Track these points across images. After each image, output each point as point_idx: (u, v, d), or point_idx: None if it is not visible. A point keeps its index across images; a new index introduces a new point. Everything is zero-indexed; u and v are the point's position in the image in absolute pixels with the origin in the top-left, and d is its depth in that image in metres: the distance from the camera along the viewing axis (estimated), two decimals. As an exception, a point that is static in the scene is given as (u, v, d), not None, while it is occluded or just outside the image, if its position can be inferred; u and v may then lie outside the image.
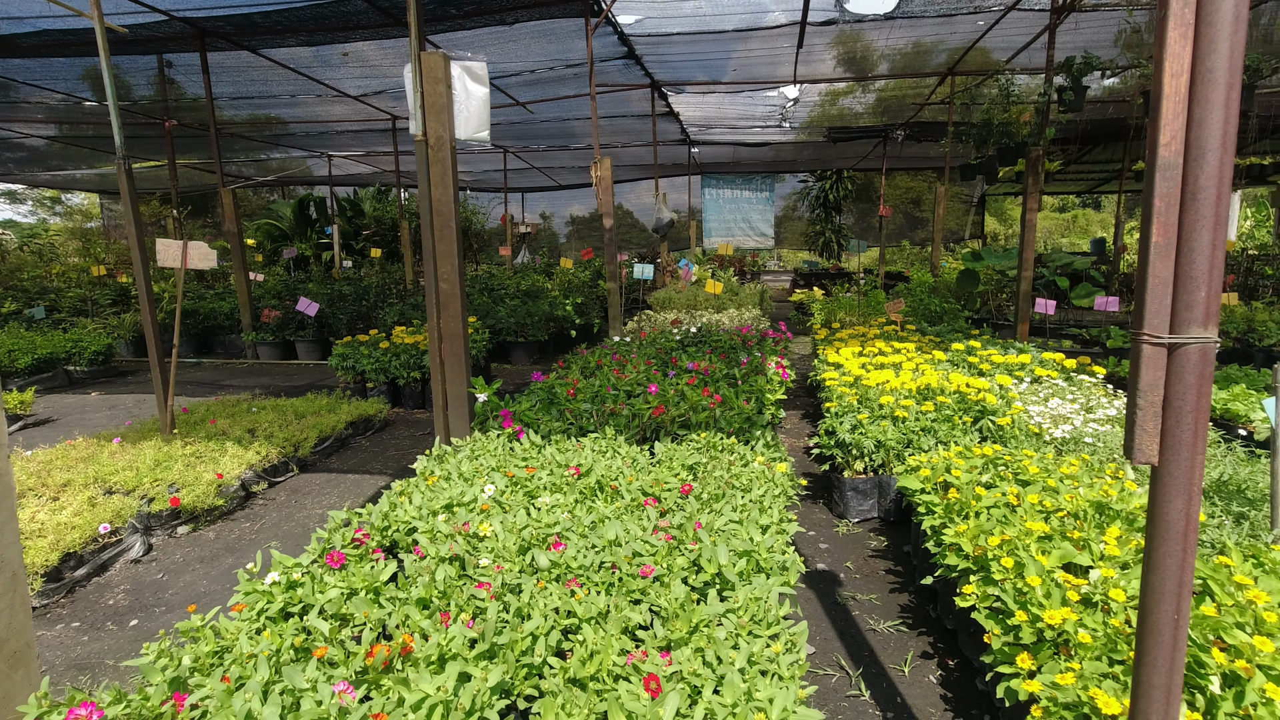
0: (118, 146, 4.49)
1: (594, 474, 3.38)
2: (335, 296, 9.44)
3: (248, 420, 5.09)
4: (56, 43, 8.33)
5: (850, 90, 12.58)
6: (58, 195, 25.42)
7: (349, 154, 16.17)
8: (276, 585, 2.35)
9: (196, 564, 3.45)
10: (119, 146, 4.51)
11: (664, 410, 4.48)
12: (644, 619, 2.19)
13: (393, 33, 8.65)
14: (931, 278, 12.28)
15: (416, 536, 2.71)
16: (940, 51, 9.94)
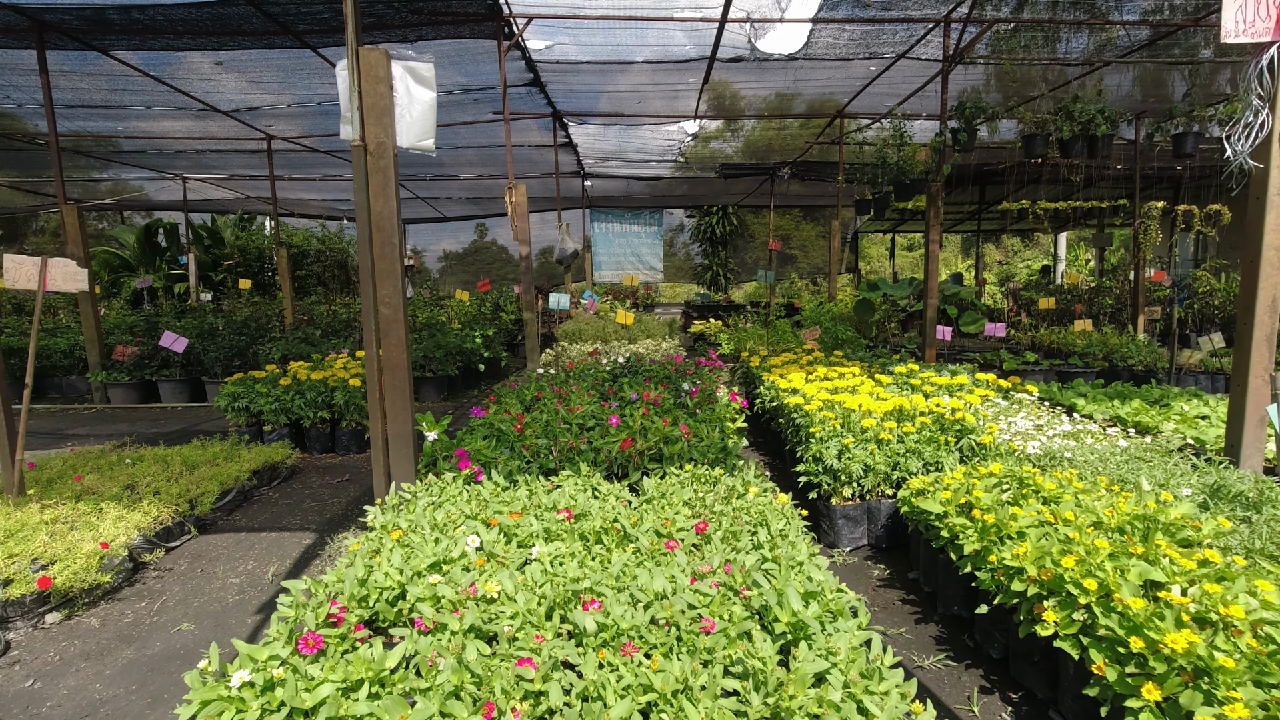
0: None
1: (592, 517, 2.99)
2: (207, 331, 8.31)
3: (123, 475, 4.21)
4: None
5: (720, 134, 13.06)
6: None
7: (209, 176, 14.63)
8: (249, 688, 1.79)
9: (81, 662, 2.69)
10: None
11: (631, 443, 4.16)
12: (727, 685, 1.86)
13: (279, 42, 7.89)
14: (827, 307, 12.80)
15: (415, 605, 2.22)
16: (800, 100, 10.60)
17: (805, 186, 16.10)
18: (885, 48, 8.42)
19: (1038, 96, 9.53)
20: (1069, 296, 12.90)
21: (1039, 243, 32.59)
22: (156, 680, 2.56)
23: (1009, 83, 9.99)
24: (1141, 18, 7.38)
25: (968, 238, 37.20)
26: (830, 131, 11.71)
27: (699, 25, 7.69)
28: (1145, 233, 10.64)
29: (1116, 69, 8.98)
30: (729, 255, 20.91)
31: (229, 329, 8.42)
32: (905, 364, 5.89)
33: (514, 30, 7.66)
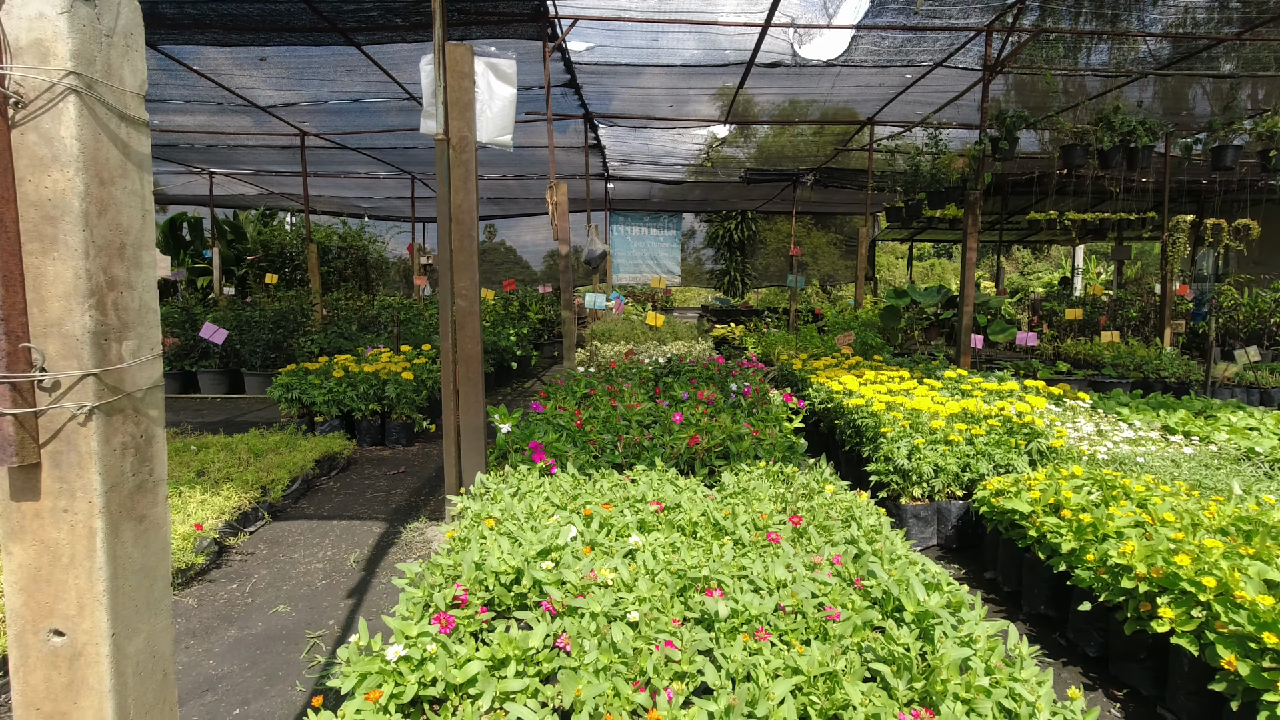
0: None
1: (682, 510, 3.03)
2: (244, 324, 8.37)
3: (194, 461, 4.25)
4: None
5: (734, 140, 13.15)
6: None
7: (235, 172, 14.72)
8: (405, 662, 1.83)
9: (189, 639, 2.73)
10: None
11: (698, 440, 4.20)
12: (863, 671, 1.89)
13: (325, 39, 7.96)
14: (854, 313, 12.84)
15: (543, 589, 2.25)
16: (815, 108, 10.71)
17: (821, 194, 16.15)
18: (923, 56, 8.48)
19: (1071, 107, 9.58)
20: (1092, 308, 12.93)
21: (1049, 255, 32.62)
22: (267, 659, 2.60)
23: (1029, 93, 10.05)
24: (1183, 31, 7.43)
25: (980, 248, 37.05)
26: (857, 139, 11.77)
27: (741, 30, 7.76)
28: (1173, 246, 10.67)
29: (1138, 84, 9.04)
30: (745, 260, 20.98)
31: (266, 322, 8.48)
32: (950, 370, 5.92)
33: (558, 32, 7.73)
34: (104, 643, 0.98)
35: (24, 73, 0.89)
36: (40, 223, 0.92)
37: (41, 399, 0.95)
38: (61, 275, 0.93)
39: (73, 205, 0.92)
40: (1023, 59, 8.22)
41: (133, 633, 1.02)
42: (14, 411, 0.91)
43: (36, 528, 0.97)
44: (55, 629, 0.98)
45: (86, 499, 0.96)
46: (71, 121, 0.91)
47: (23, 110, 0.91)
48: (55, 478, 0.96)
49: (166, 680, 1.11)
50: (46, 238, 0.92)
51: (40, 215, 0.92)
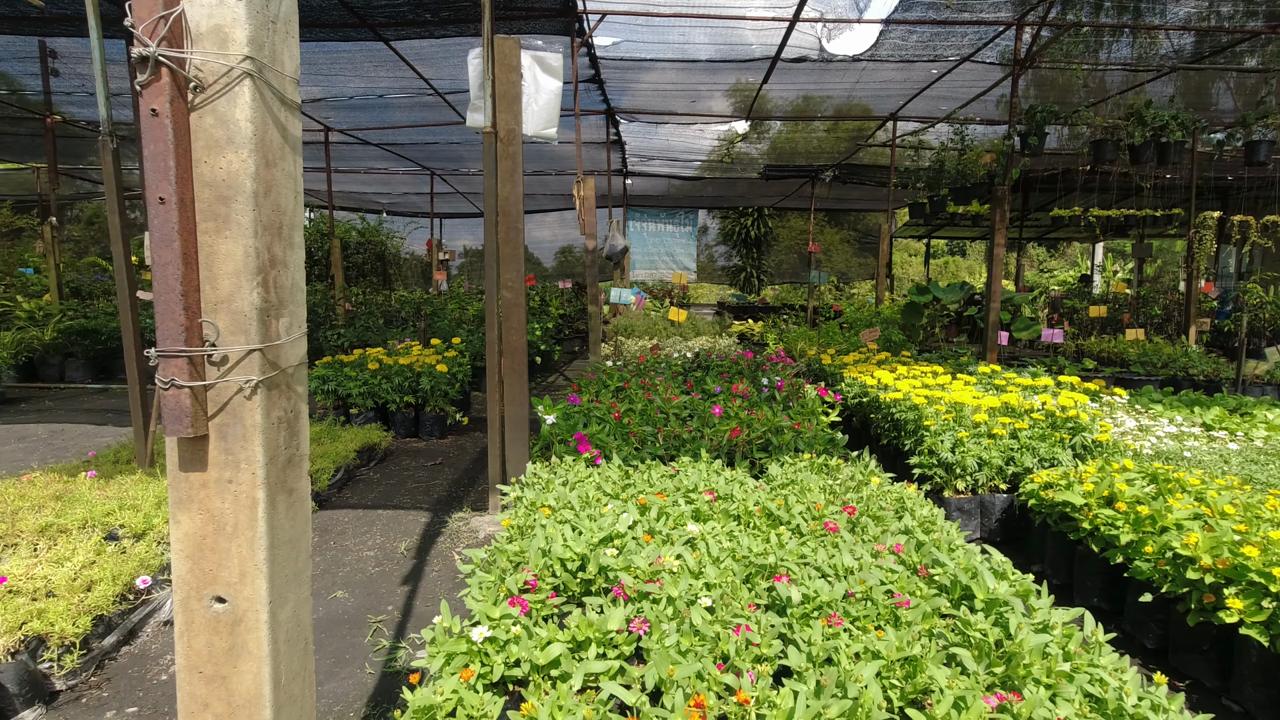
0: (103, 120, 3.73)
1: (735, 500, 3.06)
2: (274, 317, 8.45)
3: (241, 450, 4.31)
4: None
5: (732, 138, 13.14)
6: None
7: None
8: (491, 643, 1.86)
9: (253, 623, 2.77)
10: (104, 120, 3.74)
11: (739, 432, 4.22)
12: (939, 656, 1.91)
13: (354, 35, 8.01)
14: (876, 309, 12.81)
15: (616, 574, 2.28)
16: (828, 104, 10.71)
17: (838, 190, 16.11)
18: (950, 51, 8.44)
19: (1097, 103, 9.51)
20: (1115, 305, 12.85)
21: (1064, 253, 32.38)
22: (332, 642, 2.64)
23: (1049, 89, 9.99)
24: (1217, 24, 7.36)
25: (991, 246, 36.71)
26: (877, 135, 11.73)
27: (769, 24, 7.75)
28: (1200, 243, 10.58)
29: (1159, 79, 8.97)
30: (761, 257, 20.94)
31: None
32: (983, 366, 5.91)
33: (585, 27, 7.74)
34: (263, 610, 1.01)
35: (203, 58, 0.92)
36: (214, 203, 0.95)
37: (210, 373, 0.98)
38: (232, 253, 0.96)
39: (244, 185, 0.95)
40: (1065, 54, 8.18)
41: (284, 601, 1.06)
42: (191, 384, 0.95)
43: (203, 497, 1.00)
44: (218, 595, 1.02)
45: (250, 470, 0.99)
46: (246, 105, 0.94)
47: (201, 94, 0.94)
48: (222, 449, 1.00)
49: (307, 650, 1.15)
50: (219, 217, 0.95)
51: (214, 195, 0.95)
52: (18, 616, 2.29)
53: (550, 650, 1.89)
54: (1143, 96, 9.24)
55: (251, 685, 1.02)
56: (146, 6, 0.89)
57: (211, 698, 1.03)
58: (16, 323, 8.42)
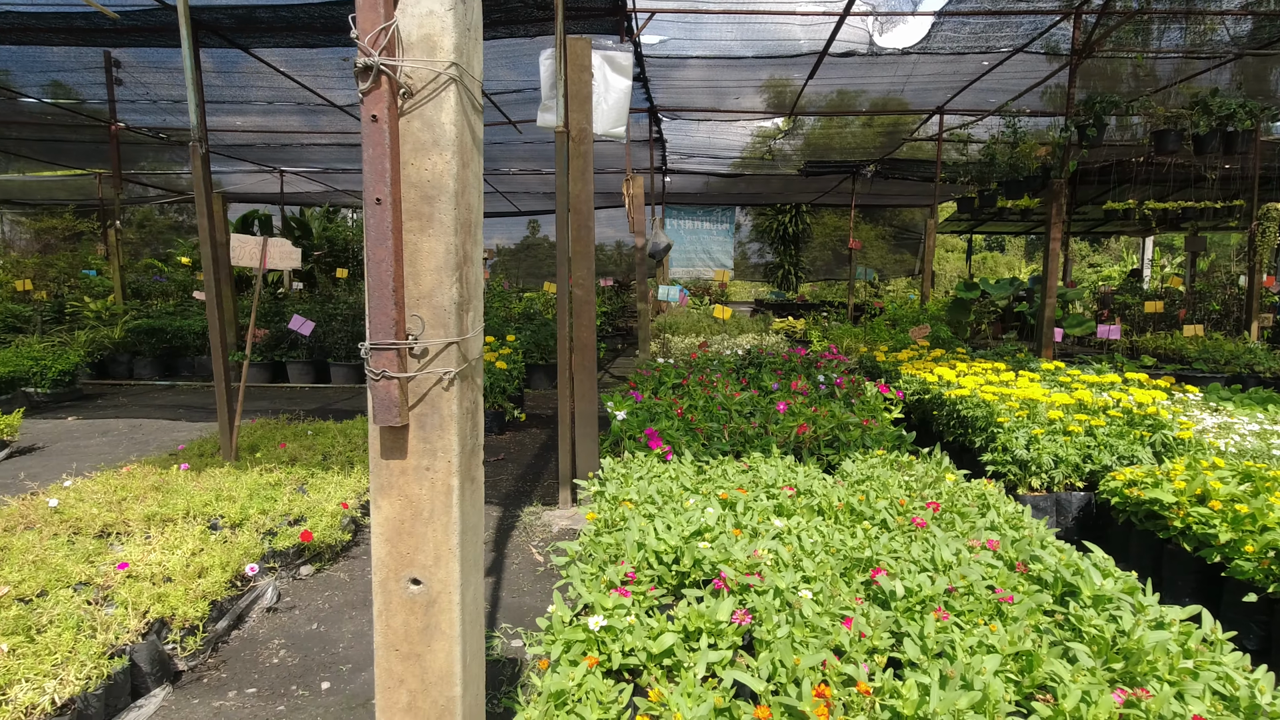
0: (193, 127, 3.87)
1: (815, 495, 3.07)
2: (328, 316, 8.66)
3: (319, 444, 4.44)
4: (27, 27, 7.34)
5: (774, 134, 13.05)
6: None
7: (305, 170, 15.18)
8: (608, 632, 1.91)
9: (350, 610, 2.87)
10: (194, 127, 3.89)
11: (807, 428, 4.22)
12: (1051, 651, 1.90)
13: (407, 37, 8.14)
14: (915, 306, 12.64)
15: (715, 566, 2.31)
16: (862, 99, 10.59)
17: (876, 186, 15.92)
18: (1004, 41, 8.30)
19: (1156, 91, 9.26)
20: (1170, 301, 12.48)
21: (1109, 248, 31.55)
22: (428, 631, 2.71)
23: (1098, 79, 9.73)
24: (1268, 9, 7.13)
25: (1032, 241, 35.99)
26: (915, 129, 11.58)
27: (818, 19, 7.69)
28: (1263, 235, 10.23)
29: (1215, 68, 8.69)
30: (799, 254, 20.79)
31: (348, 315, 8.75)
32: (1045, 363, 5.81)
33: (634, 25, 7.77)
34: (455, 592, 1.06)
35: (413, 65, 0.97)
36: (418, 202, 1.00)
37: (411, 365, 1.03)
38: (435, 250, 1.01)
39: (447, 185, 1.00)
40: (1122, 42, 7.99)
41: (467, 585, 1.11)
42: (400, 375, 1.00)
43: (402, 484, 1.05)
44: (414, 578, 1.07)
45: (446, 458, 1.04)
46: (450, 108, 0.99)
47: (410, 100, 0.99)
48: (420, 438, 1.05)
49: (480, 632, 1.19)
50: (423, 216, 1.00)
51: (419, 195, 1.00)
52: (142, 600, 2.41)
53: (663, 640, 1.93)
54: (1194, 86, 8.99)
55: (444, 663, 1.07)
56: (370, 19, 0.94)
57: (406, 674, 1.08)
58: (86, 322, 8.75)
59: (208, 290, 4.00)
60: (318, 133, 11.84)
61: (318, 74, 9.13)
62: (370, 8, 0.93)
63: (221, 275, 8.13)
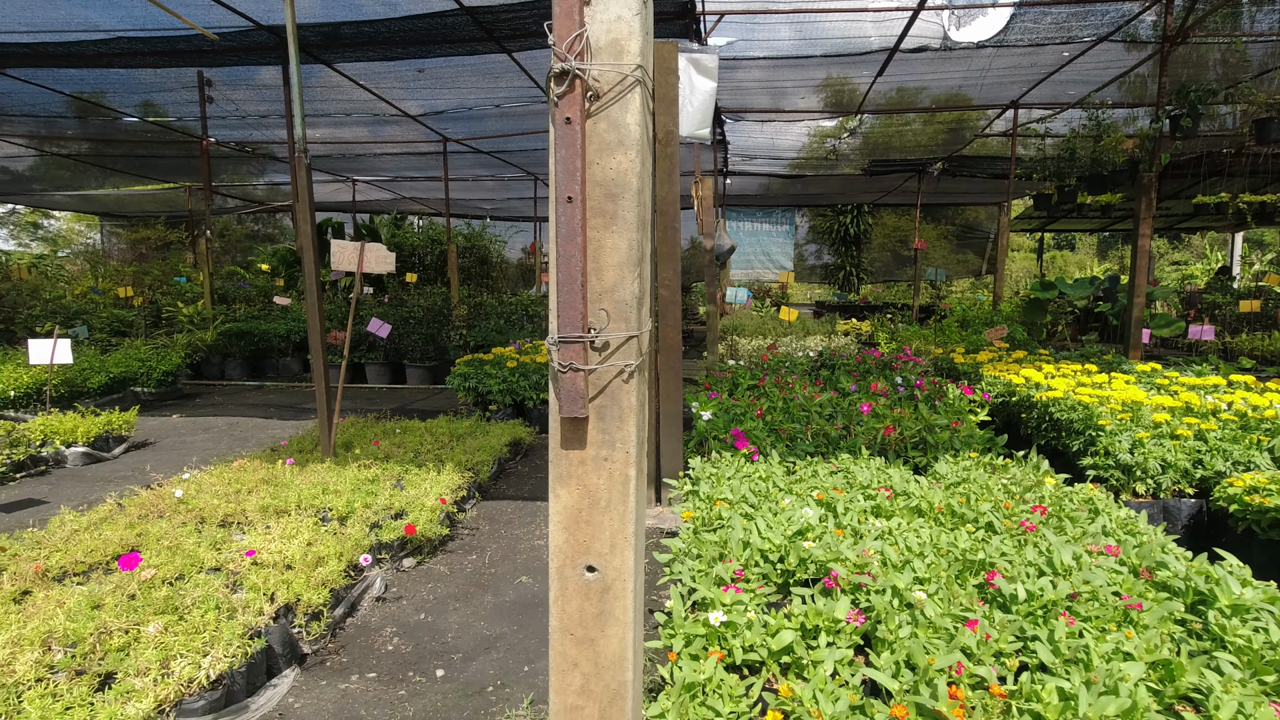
0: (299, 139, 4.07)
1: (912, 497, 3.02)
2: (405, 319, 8.95)
3: (409, 442, 4.60)
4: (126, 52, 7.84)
5: (837, 133, 12.81)
6: (36, 220, 24.36)
7: (375, 179, 15.72)
8: (728, 627, 1.92)
9: (454, 602, 2.96)
10: (300, 139, 4.09)
11: (893, 430, 4.15)
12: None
13: (480, 49, 8.36)
14: (985, 307, 12.27)
15: (820, 565, 2.30)
16: (923, 96, 10.32)
17: (943, 184, 15.52)
18: (1086, 30, 8.00)
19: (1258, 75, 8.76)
20: (1267, 301, 11.77)
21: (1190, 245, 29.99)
22: (531, 623, 2.78)
23: (1179, 68, 9.23)
24: None
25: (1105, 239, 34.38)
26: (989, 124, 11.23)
27: (891, 15, 7.57)
28: (1374, 228, 9.56)
29: None
30: (860, 255, 20.42)
31: (423, 318, 9.02)
32: (1140, 364, 5.56)
33: (703, 28, 7.78)
34: (630, 579, 1.09)
35: (600, 69, 1.02)
36: (603, 200, 1.04)
37: (592, 358, 1.07)
38: (617, 246, 1.05)
39: (631, 183, 1.04)
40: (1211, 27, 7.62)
41: (636, 573, 1.14)
42: (586, 368, 1.04)
43: (580, 474, 1.09)
44: (589, 565, 1.11)
45: (624, 449, 1.08)
46: (636, 109, 1.03)
47: (597, 103, 1.03)
48: (599, 429, 1.09)
49: (642, 620, 1.23)
50: (607, 214, 1.05)
51: (603, 194, 1.04)
52: (269, 585, 2.54)
53: (782, 637, 1.94)
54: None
55: (617, 649, 1.10)
56: (565, 27, 0.98)
57: (580, 658, 1.12)
58: (181, 326, 9.26)
59: (309, 294, 4.19)
60: (388, 142, 12.25)
61: (393, 86, 9.45)
62: (566, 15, 0.98)
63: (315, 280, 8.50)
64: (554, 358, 1.06)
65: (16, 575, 2.56)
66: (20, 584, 2.50)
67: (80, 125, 11.39)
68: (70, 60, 8.11)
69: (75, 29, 7.29)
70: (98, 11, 6.83)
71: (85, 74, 8.84)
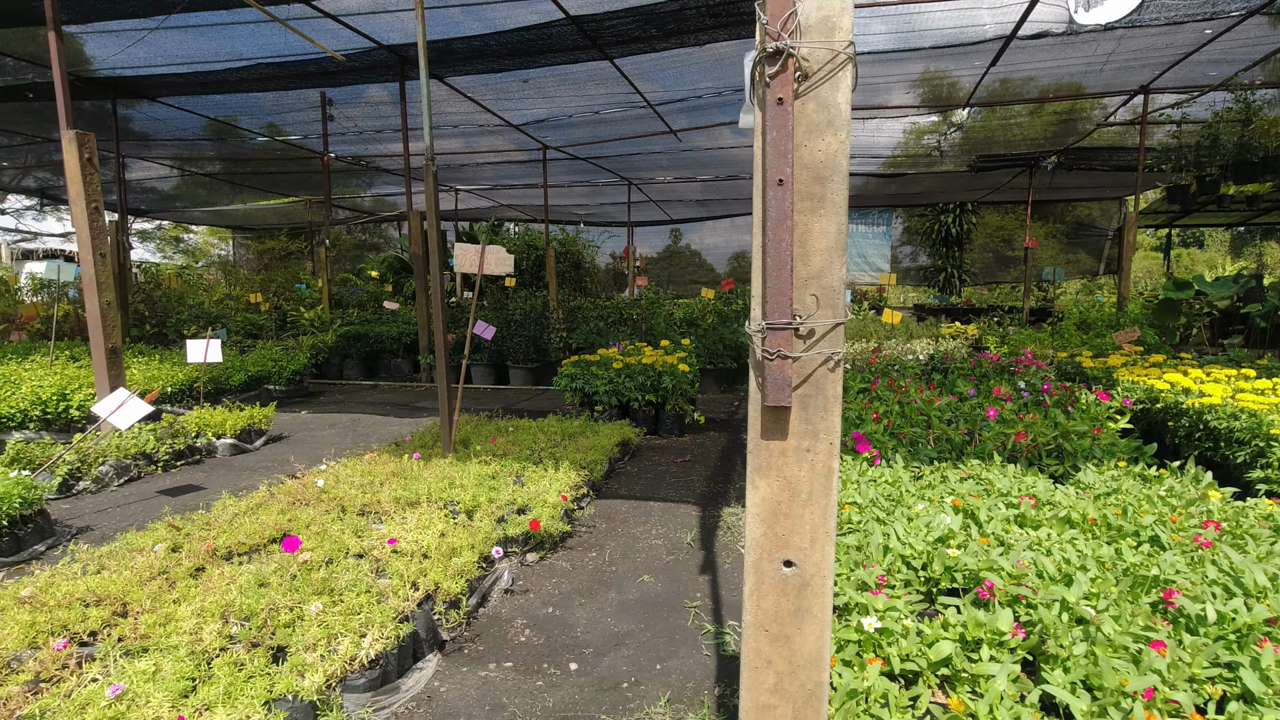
0: (428, 148, 4.27)
1: (1057, 506, 2.82)
2: (507, 321, 9.22)
3: (519, 440, 4.71)
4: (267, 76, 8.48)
5: (938, 128, 12.19)
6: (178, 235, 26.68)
7: (475, 188, 16.32)
8: (883, 634, 1.84)
9: (579, 598, 3.00)
10: (428, 148, 4.28)
11: (1025, 436, 3.91)
12: None
13: (582, 56, 8.52)
14: (1109, 309, 11.43)
15: (969, 574, 2.18)
16: (1030, 86, 9.67)
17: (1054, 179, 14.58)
18: (1235, 4, 7.34)
19: None
20: None
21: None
22: (658, 622, 2.78)
23: None
24: None
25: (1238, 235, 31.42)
26: (1081, 116, 10.48)
27: (1008, 1, 7.19)
28: None
29: None
30: (962, 255, 19.48)
31: (524, 321, 9.26)
32: None
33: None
34: (828, 575, 1.06)
35: (810, 48, 1.00)
36: (810, 183, 1.02)
37: (796, 346, 1.05)
38: (825, 230, 1.02)
39: (840, 165, 1.01)
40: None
41: (832, 570, 1.11)
42: (794, 355, 1.02)
43: (781, 465, 1.07)
44: (787, 559, 1.09)
45: (828, 440, 1.05)
46: (846, 88, 1.00)
47: (805, 82, 1.01)
48: (802, 419, 1.06)
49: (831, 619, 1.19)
50: (815, 197, 1.02)
51: (811, 176, 1.02)
52: (410, 573, 2.65)
53: (940, 648, 1.84)
54: None
55: (813, 647, 1.07)
56: (779, 5, 0.97)
57: (774, 655, 1.09)
58: (305, 329, 9.90)
59: (433, 297, 4.37)
60: (490, 152, 12.69)
61: (498, 97, 9.78)
62: (779, -6, 0.96)
63: (420, 285, 8.91)
64: (757, 345, 1.04)
65: (191, 553, 2.79)
66: (195, 560, 2.72)
67: (216, 146, 12.42)
68: (215, 87, 8.84)
69: (222, 59, 7.94)
70: (242, 41, 7.41)
71: (224, 99, 9.61)
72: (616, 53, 8.41)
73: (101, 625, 2.27)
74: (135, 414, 4.20)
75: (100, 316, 4.90)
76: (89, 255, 4.85)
